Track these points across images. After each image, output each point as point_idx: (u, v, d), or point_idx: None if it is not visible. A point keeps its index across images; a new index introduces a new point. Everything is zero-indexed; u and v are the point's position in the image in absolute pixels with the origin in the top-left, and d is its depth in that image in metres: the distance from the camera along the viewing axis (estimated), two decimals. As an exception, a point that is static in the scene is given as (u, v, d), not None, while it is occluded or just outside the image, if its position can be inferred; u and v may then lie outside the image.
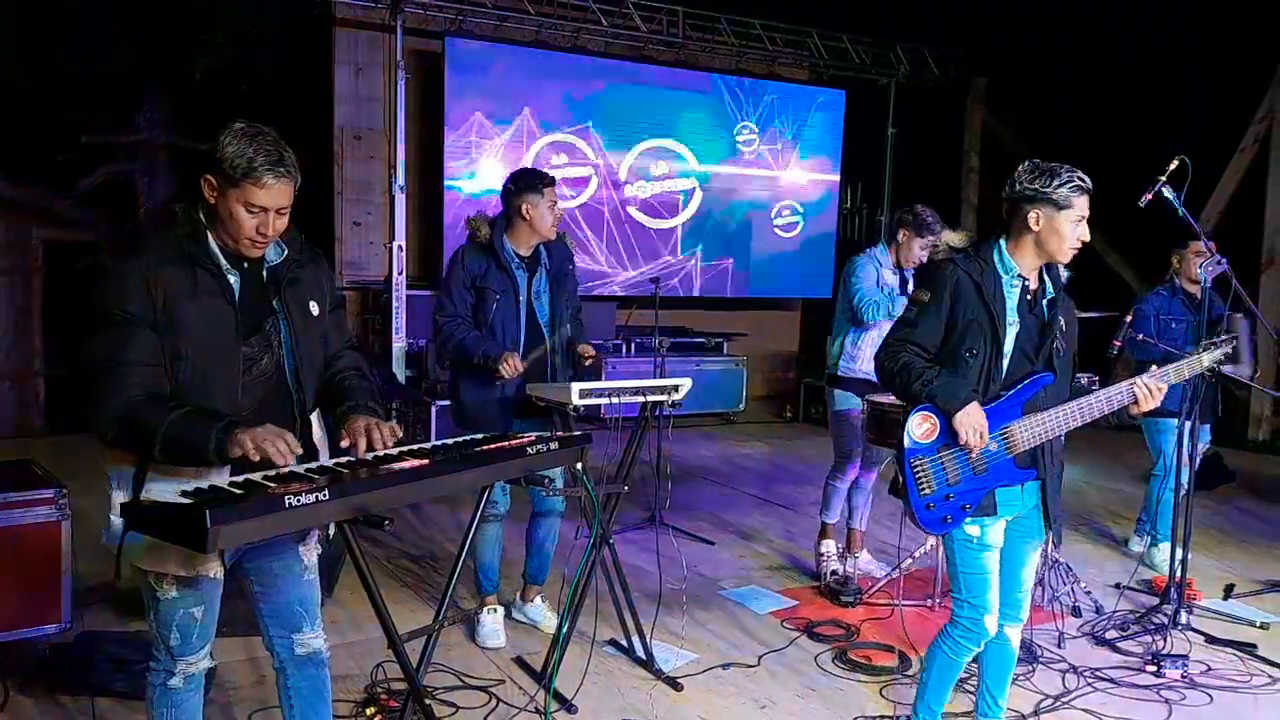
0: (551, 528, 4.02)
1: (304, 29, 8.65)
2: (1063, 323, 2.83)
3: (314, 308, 2.36)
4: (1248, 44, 8.48)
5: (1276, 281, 8.46)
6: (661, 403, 3.67)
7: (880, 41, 10.30)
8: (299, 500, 1.90)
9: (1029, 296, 2.81)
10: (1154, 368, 2.84)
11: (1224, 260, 4.28)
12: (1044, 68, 9.89)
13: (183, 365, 2.15)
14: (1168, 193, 3.91)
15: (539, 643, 3.84)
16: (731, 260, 10.14)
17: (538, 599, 4.10)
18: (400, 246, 8.14)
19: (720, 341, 9.73)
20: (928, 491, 2.74)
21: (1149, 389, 2.74)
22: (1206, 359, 2.90)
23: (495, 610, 3.93)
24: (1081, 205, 2.72)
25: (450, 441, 2.53)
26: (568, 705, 3.30)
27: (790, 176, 10.32)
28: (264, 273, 2.29)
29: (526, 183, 3.75)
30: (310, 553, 2.46)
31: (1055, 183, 2.70)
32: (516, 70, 8.84)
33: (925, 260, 4.34)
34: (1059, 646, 3.94)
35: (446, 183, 8.58)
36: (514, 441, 2.48)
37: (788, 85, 10.30)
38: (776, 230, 10.32)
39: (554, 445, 2.55)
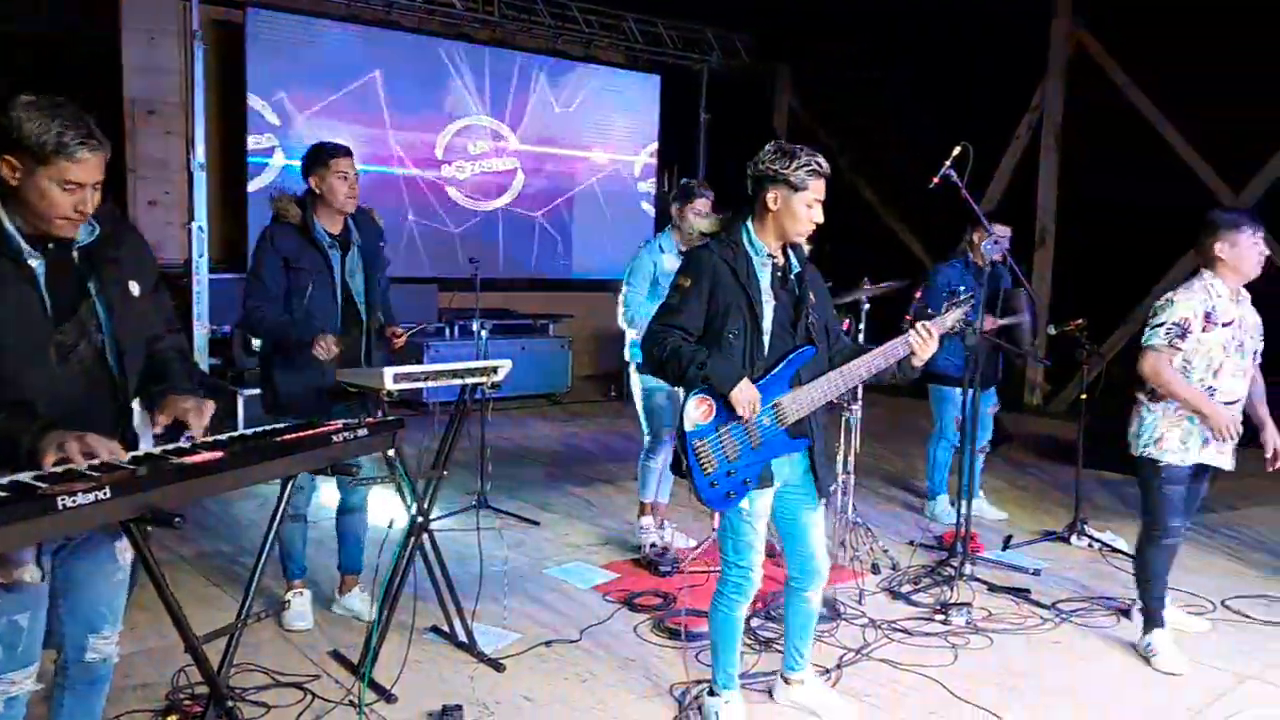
0: (361, 519, 3.97)
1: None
2: (812, 297, 2.99)
3: (134, 288, 2.23)
4: (1024, 39, 9.24)
5: (1047, 260, 9.29)
6: (481, 384, 3.66)
7: (692, 27, 10.54)
8: (74, 501, 1.78)
9: (779, 274, 2.95)
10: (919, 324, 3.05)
11: (1001, 240, 4.68)
12: (843, 57, 10.41)
13: None
14: (954, 176, 4.24)
15: (356, 635, 3.76)
16: (554, 242, 10.16)
17: (356, 589, 4.02)
18: (200, 227, 7.69)
19: (546, 323, 9.73)
20: (711, 470, 2.85)
21: (922, 336, 2.95)
22: (949, 319, 3.13)
23: (303, 593, 3.87)
24: (816, 188, 2.86)
25: (248, 431, 2.43)
26: (386, 695, 3.25)
27: (609, 159, 10.43)
28: (74, 253, 2.14)
29: (315, 156, 3.66)
30: (126, 551, 2.32)
31: (793, 165, 2.83)
32: (326, 44, 8.49)
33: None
34: (860, 602, 4.22)
35: (250, 160, 8.15)
36: (319, 429, 2.41)
37: (605, 68, 10.39)
38: (596, 212, 10.42)
39: (363, 432, 2.50)
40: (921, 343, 2.95)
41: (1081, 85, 9.10)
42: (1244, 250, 3.65)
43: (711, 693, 3.14)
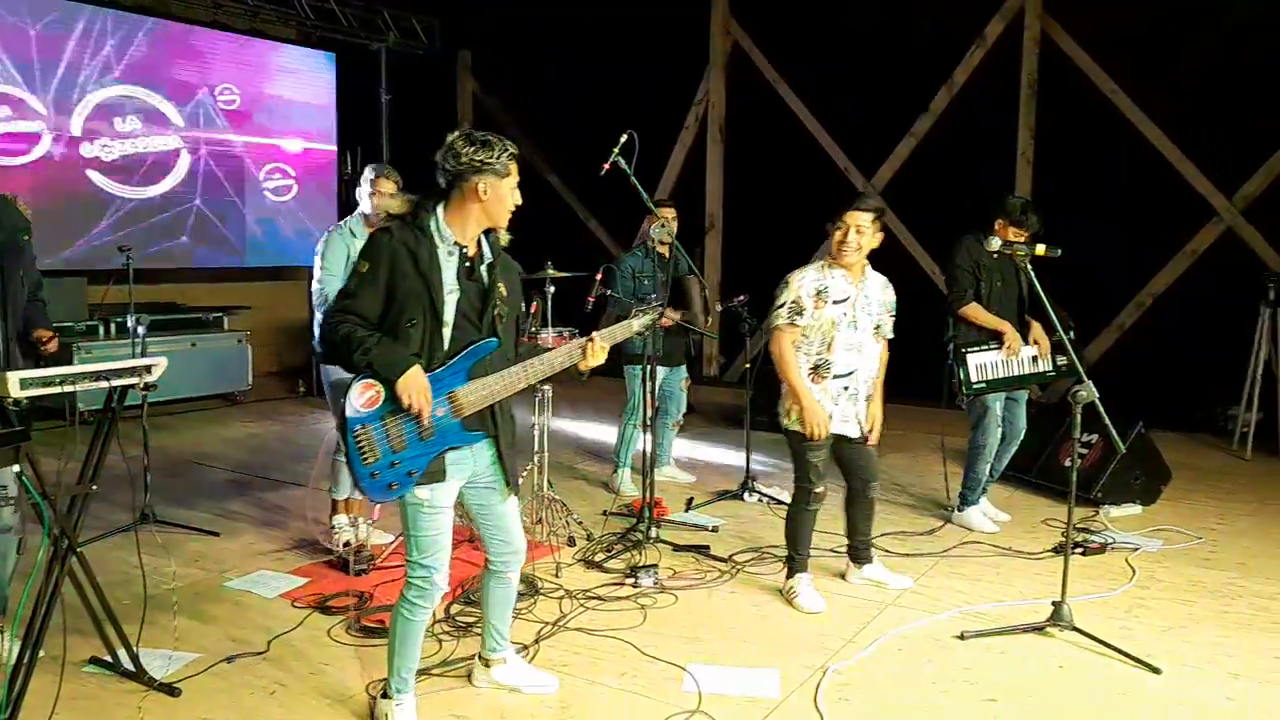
0: (4, 546, 3.46)
1: None
2: (503, 289, 2.95)
3: None
4: (691, 32, 9.85)
5: (716, 243, 10.01)
6: (131, 386, 3.32)
7: (368, 6, 10.16)
8: None
9: (468, 264, 2.89)
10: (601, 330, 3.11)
11: (667, 224, 4.97)
12: (525, 44, 10.52)
13: None
14: (622, 163, 4.44)
15: (-3, 679, 3.30)
16: (224, 228, 9.42)
17: (-9, 629, 3.51)
18: None
19: (219, 316, 9.02)
20: (371, 460, 2.76)
21: (595, 346, 3.03)
22: (636, 324, 3.21)
23: None
24: (515, 171, 2.88)
25: None
26: (35, 741, 2.90)
27: (284, 141, 9.83)
28: None
29: None
30: None
31: (495, 153, 2.81)
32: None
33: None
34: (557, 576, 4.35)
35: None
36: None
37: (274, 44, 9.77)
38: (273, 198, 9.80)
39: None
40: (594, 353, 3.02)
41: (741, 79, 9.87)
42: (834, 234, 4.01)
43: (385, 694, 3.04)
